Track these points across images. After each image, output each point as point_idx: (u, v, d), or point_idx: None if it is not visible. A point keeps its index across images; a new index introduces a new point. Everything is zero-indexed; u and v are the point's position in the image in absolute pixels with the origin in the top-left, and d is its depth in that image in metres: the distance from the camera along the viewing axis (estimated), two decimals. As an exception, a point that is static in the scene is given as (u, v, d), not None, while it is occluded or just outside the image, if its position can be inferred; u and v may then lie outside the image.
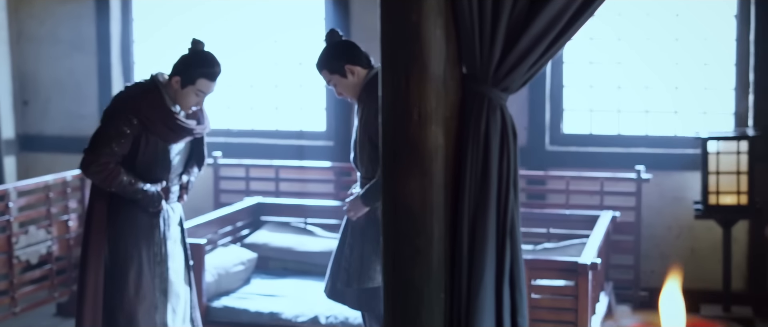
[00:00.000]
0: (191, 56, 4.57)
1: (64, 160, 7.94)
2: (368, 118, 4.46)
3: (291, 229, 6.78)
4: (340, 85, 4.63)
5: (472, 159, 1.74)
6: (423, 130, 1.73)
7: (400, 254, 1.76)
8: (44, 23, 8.04)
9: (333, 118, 7.60)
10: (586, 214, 6.49)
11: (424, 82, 1.72)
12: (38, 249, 6.72)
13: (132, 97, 4.56)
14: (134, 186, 4.48)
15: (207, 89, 4.50)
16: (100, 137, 4.49)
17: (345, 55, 4.62)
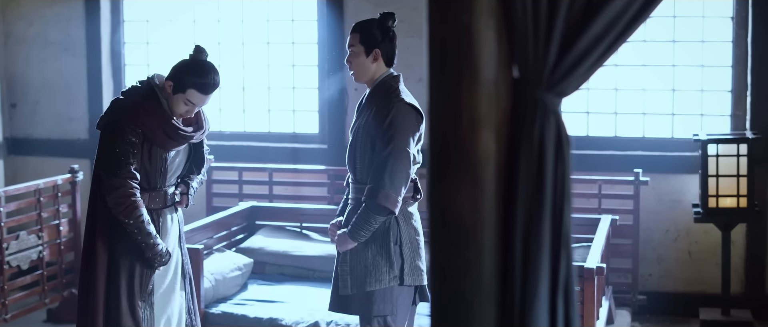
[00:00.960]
0: (188, 63, 4.43)
1: (52, 164, 7.84)
2: (373, 122, 4.33)
3: (286, 234, 6.70)
4: (357, 58, 4.43)
5: (526, 167, 1.66)
6: (474, 136, 1.66)
7: (450, 266, 1.69)
8: (33, 25, 7.92)
9: (326, 121, 7.52)
10: (586, 217, 6.43)
11: (475, 87, 1.65)
12: (29, 254, 6.61)
13: (132, 106, 4.42)
14: (149, 228, 4.33)
15: (197, 101, 4.35)
16: (115, 157, 4.32)
17: (384, 38, 4.43)
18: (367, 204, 4.27)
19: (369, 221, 4.27)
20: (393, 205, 4.23)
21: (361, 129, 4.41)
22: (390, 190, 4.21)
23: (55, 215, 6.85)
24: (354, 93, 7.41)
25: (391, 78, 4.45)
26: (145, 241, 4.35)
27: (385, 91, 4.38)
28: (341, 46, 7.36)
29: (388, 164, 4.21)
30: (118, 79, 7.90)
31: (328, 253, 6.32)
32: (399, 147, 4.23)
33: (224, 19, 7.71)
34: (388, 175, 4.21)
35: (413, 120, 4.31)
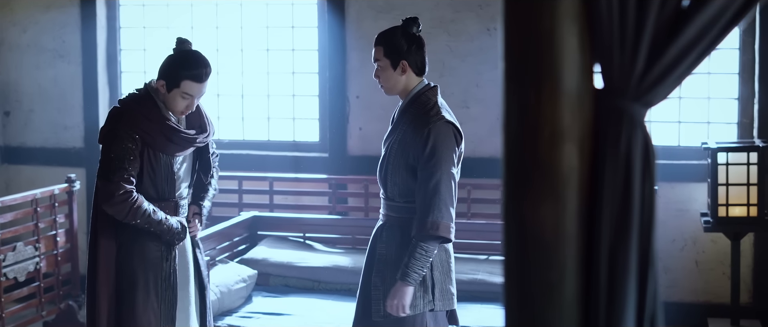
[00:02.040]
0: (175, 57, 4.29)
1: (47, 173, 7.70)
2: (410, 141, 4.10)
3: (290, 244, 6.57)
4: (384, 72, 4.20)
5: (611, 182, 1.56)
6: (556, 149, 1.55)
7: (528, 289, 1.57)
8: (27, 31, 7.78)
9: (327, 129, 7.40)
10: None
11: (556, 96, 1.54)
12: (26, 266, 6.46)
13: (127, 111, 4.30)
14: (157, 216, 4.22)
15: (193, 92, 4.19)
16: (110, 163, 4.22)
17: (410, 47, 4.18)
18: (417, 238, 4.02)
19: (425, 256, 4.07)
20: (447, 232, 4.05)
21: (395, 145, 4.21)
22: (440, 218, 4.02)
23: (52, 225, 6.71)
24: (356, 100, 7.30)
25: (428, 90, 4.24)
26: (159, 229, 4.26)
27: (422, 105, 4.17)
28: (342, 53, 7.26)
29: (437, 194, 4.01)
30: (115, 87, 7.76)
31: (334, 264, 6.21)
32: (445, 174, 4.04)
33: (223, 25, 7.59)
34: (437, 205, 4.01)
35: (453, 139, 4.13)
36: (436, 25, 7.11)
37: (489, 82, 7.03)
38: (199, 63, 4.23)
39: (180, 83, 4.18)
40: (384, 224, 4.27)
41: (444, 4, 7.11)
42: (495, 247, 6.43)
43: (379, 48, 4.21)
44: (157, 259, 4.30)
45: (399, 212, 4.21)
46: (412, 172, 4.13)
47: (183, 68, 4.20)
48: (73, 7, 7.66)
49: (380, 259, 4.24)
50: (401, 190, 4.18)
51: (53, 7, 7.69)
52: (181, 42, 4.33)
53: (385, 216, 4.29)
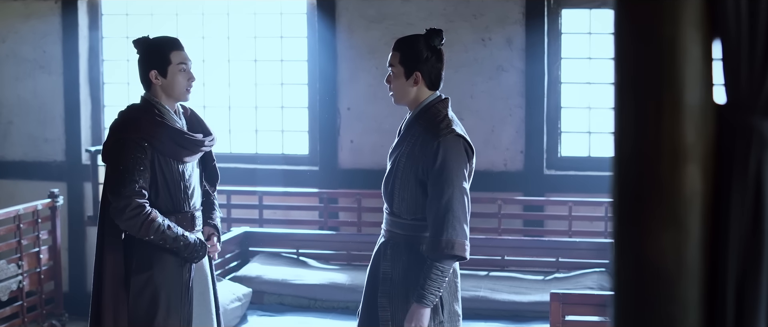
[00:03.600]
0: (147, 46, 4.22)
1: (26, 188, 7.47)
2: (419, 156, 3.91)
3: (283, 261, 6.38)
4: (396, 80, 4.02)
5: (739, 207, 1.40)
6: (677, 171, 1.39)
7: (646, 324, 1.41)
8: (5, 41, 7.54)
9: (318, 142, 7.22)
10: (594, 242, 6.20)
11: (678, 111, 1.39)
12: (9, 285, 6.23)
13: (132, 120, 4.15)
14: (174, 231, 4.03)
15: (185, 59, 4.18)
16: (119, 176, 4.02)
17: (428, 59, 3.99)
18: (432, 258, 3.84)
19: (441, 276, 3.89)
20: (462, 250, 3.88)
21: (402, 159, 3.99)
22: (455, 236, 3.85)
23: (35, 242, 6.48)
24: (347, 112, 7.13)
25: (439, 102, 4.06)
26: (175, 246, 4.07)
27: (432, 118, 3.99)
28: (333, 63, 7.09)
29: (450, 212, 3.84)
30: (97, 98, 7.54)
31: (330, 282, 6.03)
32: (457, 190, 3.87)
33: (209, 35, 7.40)
34: (451, 223, 3.83)
35: (464, 154, 3.95)
36: None
37: (483, 93, 6.89)
38: (168, 36, 4.28)
39: (170, 57, 4.13)
40: (388, 242, 4.08)
41: (437, 13, 6.96)
42: (495, 263, 6.28)
43: (396, 53, 4.02)
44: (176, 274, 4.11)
45: (406, 229, 4.02)
46: (422, 188, 3.96)
47: (161, 46, 4.18)
48: (54, 16, 7.43)
49: (385, 278, 4.05)
50: (409, 207, 3.99)
51: (33, 16, 7.46)
52: (139, 40, 4.27)
53: (388, 232, 4.09)
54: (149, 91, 4.22)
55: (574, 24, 6.95)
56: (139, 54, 4.23)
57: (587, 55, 6.96)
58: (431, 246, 3.87)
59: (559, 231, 6.66)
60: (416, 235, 4.00)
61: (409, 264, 3.99)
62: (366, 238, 6.51)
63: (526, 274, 6.15)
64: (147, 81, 4.20)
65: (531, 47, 6.88)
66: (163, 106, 4.19)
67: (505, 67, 6.92)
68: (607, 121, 6.94)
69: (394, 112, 7.04)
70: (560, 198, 6.72)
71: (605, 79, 6.95)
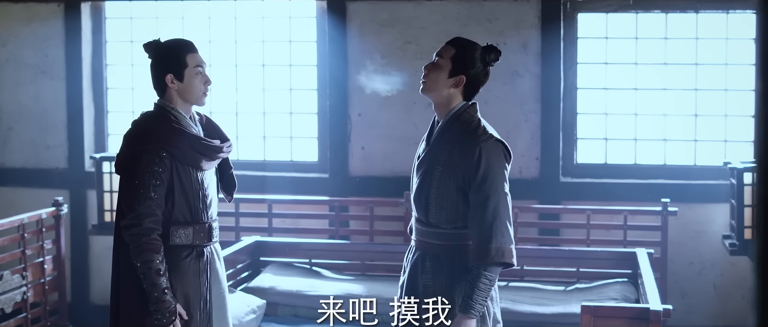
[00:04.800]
0: (161, 50, 3.98)
1: (28, 196, 7.31)
2: (456, 160, 3.74)
3: (296, 271, 6.21)
4: (438, 71, 3.80)
5: None
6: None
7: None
8: (6, 45, 7.35)
9: (327, 149, 7.06)
10: (614, 251, 6.05)
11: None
12: (13, 296, 6.04)
13: (149, 129, 3.94)
14: (160, 278, 3.82)
15: (201, 62, 3.98)
16: (133, 190, 3.82)
17: (478, 72, 3.82)
18: (478, 267, 3.70)
19: (489, 285, 3.75)
20: (511, 257, 3.74)
21: (437, 167, 3.82)
22: (504, 243, 3.71)
23: (39, 252, 6.30)
24: (358, 119, 6.97)
25: (469, 107, 3.91)
26: (149, 292, 3.83)
27: (466, 124, 3.83)
28: (344, 69, 6.94)
29: (497, 218, 3.70)
30: (100, 104, 7.36)
31: (346, 292, 5.86)
32: (502, 196, 3.74)
33: (216, 39, 7.23)
34: (499, 229, 3.70)
35: (504, 158, 3.82)
36: (443, 39, 6.62)
37: (497, 98, 6.74)
38: (181, 39, 4.07)
39: (186, 60, 3.93)
40: (425, 254, 3.91)
41: (451, 17, 6.81)
42: (514, 273, 6.11)
43: (449, 48, 3.84)
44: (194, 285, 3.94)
45: (445, 240, 3.85)
46: (463, 196, 3.80)
47: (176, 49, 3.97)
48: (56, 19, 7.25)
49: (427, 291, 3.87)
50: (450, 216, 3.83)
51: (35, 19, 7.28)
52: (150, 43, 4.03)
53: (423, 243, 3.92)
54: (164, 97, 4.02)
55: (591, 28, 6.81)
56: (151, 58, 4.02)
57: (604, 60, 6.82)
58: (479, 254, 3.72)
59: (576, 240, 6.52)
60: (457, 244, 3.84)
61: (451, 275, 3.83)
62: (380, 247, 6.36)
63: (547, 285, 5.99)
64: (162, 86, 4.00)
65: (546, 52, 6.74)
66: (178, 111, 4.00)
67: (520, 72, 6.77)
68: (624, 128, 6.81)
69: (407, 118, 6.91)
70: (578, 206, 6.58)
71: (622, 85, 6.82)
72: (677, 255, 6.63)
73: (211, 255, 4.06)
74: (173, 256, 3.94)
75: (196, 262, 3.99)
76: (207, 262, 4.02)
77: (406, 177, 6.99)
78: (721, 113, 6.72)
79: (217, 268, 4.10)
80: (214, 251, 4.09)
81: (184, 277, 3.96)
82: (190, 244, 3.95)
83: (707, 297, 6.69)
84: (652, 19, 6.75)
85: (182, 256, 3.96)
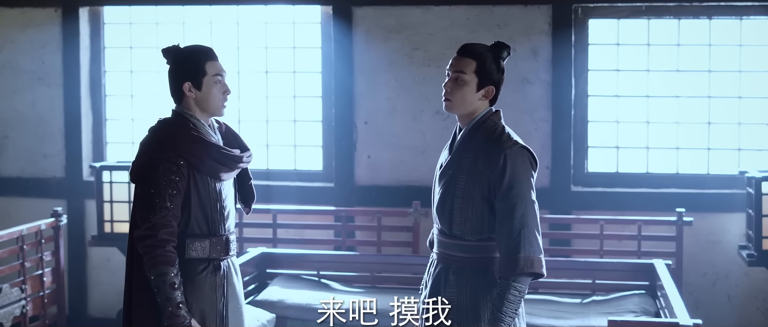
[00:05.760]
0: (181, 56, 3.82)
1: (22, 206, 7.16)
2: (481, 169, 3.63)
3: (304, 283, 6.03)
4: (462, 88, 3.68)
5: None
6: None
7: None
8: (1, 51, 7.17)
9: (332, 157, 6.90)
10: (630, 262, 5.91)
11: None
12: (12, 310, 5.85)
13: (166, 136, 3.79)
14: (174, 292, 3.67)
15: (220, 70, 3.82)
16: (149, 200, 3.67)
17: (500, 75, 3.72)
18: (506, 278, 3.57)
19: (519, 297, 3.60)
20: (540, 267, 3.60)
21: (461, 175, 3.68)
22: (533, 253, 3.57)
23: (39, 264, 6.11)
24: (364, 126, 6.82)
25: (493, 114, 3.78)
26: (163, 306, 3.68)
27: (490, 131, 3.70)
28: (349, 75, 6.81)
29: (525, 227, 3.56)
30: (99, 111, 7.19)
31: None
32: (528, 204, 3.60)
33: (218, 45, 6.91)
34: (527, 239, 3.56)
35: (530, 165, 3.68)
36: (451, 45, 6.57)
37: (507, 106, 6.44)
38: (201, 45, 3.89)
39: (205, 68, 3.78)
40: (448, 267, 3.77)
41: (460, 23, 6.68)
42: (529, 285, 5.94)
43: (469, 61, 3.69)
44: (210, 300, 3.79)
45: (470, 252, 3.72)
46: (489, 205, 3.66)
47: (196, 56, 3.81)
48: (53, 25, 7.07)
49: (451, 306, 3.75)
50: (474, 227, 3.69)
51: (31, 25, 7.09)
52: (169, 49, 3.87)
53: (447, 256, 3.78)
54: (181, 105, 3.86)
55: (602, 35, 6.69)
56: (170, 64, 3.86)
57: (615, 67, 6.69)
58: (507, 265, 3.58)
59: (589, 250, 6.38)
60: (483, 256, 3.71)
61: (477, 288, 3.71)
62: (389, 258, 6.20)
63: (563, 297, 5.84)
64: (179, 94, 3.84)
65: (557, 59, 6.61)
66: (197, 119, 3.85)
67: (531, 80, 6.64)
68: (637, 136, 6.69)
69: (414, 126, 6.76)
70: (590, 216, 6.44)
71: (634, 92, 6.69)
72: (691, 265, 6.50)
73: (228, 269, 3.91)
74: (189, 269, 3.79)
75: (212, 276, 3.84)
76: (224, 277, 3.87)
77: (413, 186, 6.89)
78: (735, 121, 6.61)
79: (235, 282, 3.95)
80: (232, 265, 3.94)
81: (199, 291, 3.81)
82: (207, 257, 3.81)
83: (722, 308, 6.56)
84: (664, 26, 6.63)
85: (198, 270, 3.81)
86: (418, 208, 6.47)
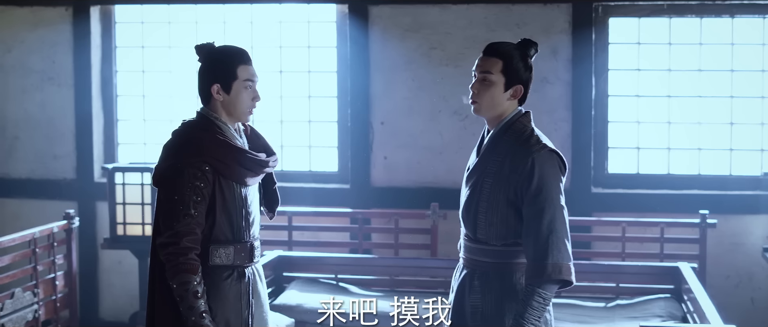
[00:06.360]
0: (214, 56, 3.69)
1: (32, 208, 7.05)
2: (507, 173, 3.53)
3: (322, 287, 5.93)
4: (490, 89, 3.58)
5: None
6: None
7: None
8: (12, 51, 7.05)
9: (348, 158, 6.79)
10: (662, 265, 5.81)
11: None
12: (24, 314, 5.74)
13: (191, 140, 3.66)
14: (198, 302, 3.55)
15: (252, 75, 3.69)
16: (173, 207, 3.55)
17: (529, 74, 3.64)
18: (534, 284, 3.48)
19: (543, 304, 3.50)
20: (569, 274, 3.50)
21: (487, 179, 3.59)
22: (561, 260, 3.47)
23: (51, 268, 6.00)
24: (380, 127, 6.71)
25: (522, 116, 3.67)
26: (186, 315, 3.56)
27: (518, 133, 3.59)
28: (365, 75, 6.69)
29: (553, 233, 3.46)
30: (110, 112, 7.08)
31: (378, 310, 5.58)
32: (557, 209, 3.49)
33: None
34: (555, 245, 3.46)
35: (558, 169, 3.57)
36: (470, 44, 6.56)
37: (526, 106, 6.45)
38: (236, 47, 3.76)
39: (237, 72, 3.65)
40: (473, 272, 3.68)
41: (478, 22, 6.57)
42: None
43: (495, 61, 3.58)
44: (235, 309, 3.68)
45: (495, 257, 3.63)
46: (514, 210, 3.56)
47: (228, 58, 3.68)
48: (64, 24, 6.96)
49: (475, 312, 3.67)
50: (499, 232, 3.60)
51: (42, 24, 6.98)
52: (203, 47, 3.74)
53: (472, 261, 3.69)
54: (208, 106, 3.74)
55: (623, 34, 6.58)
56: (201, 63, 3.74)
57: (636, 67, 6.59)
58: (535, 272, 3.49)
59: (609, 253, 6.28)
60: (508, 262, 3.62)
61: (501, 294, 3.62)
62: (408, 261, 6.10)
63: (586, 301, 5.73)
64: (207, 95, 3.72)
65: (577, 58, 6.50)
66: (223, 122, 3.73)
67: (550, 79, 6.53)
68: (658, 137, 6.59)
69: (432, 126, 6.66)
70: (611, 218, 6.33)
71: (655, 92, 6.58)
72: (713, 268, 6.39)
73: (253, 276, 3.80)
74: (213, 277, 3.67)
75: (237, 283, 3.73)
76: (248, 284, 3.76)
77: (431, 188, 6.78)
78: (758, 121, 6.50)
79: (260, 290, 3.85)
80: (256, 272, 3.83)
81: (224, 299, 3.69)
82: (231, 264, 3.69)
83: (745, 311, 6.46)
84: (685, 24, 6.53)
85: (222, 277, 3.69)
86: (436, 210, 6.36)
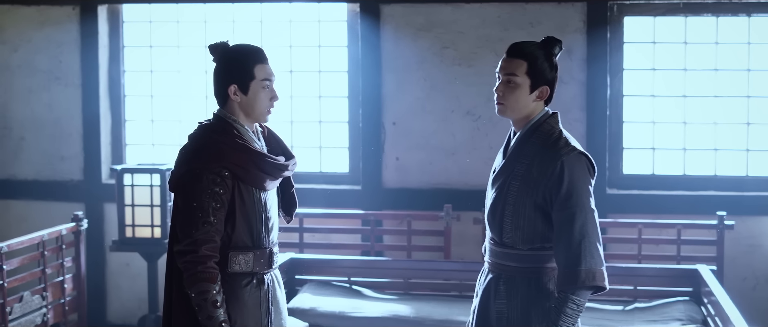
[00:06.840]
0: (229, 56, 3.61)
1: (38, 209, 6.97)
2: (535, 175, 3.46)
3: (336, 290, 5.84)
4: (516, 91, 3.50)
5: None
6: None
7: None
8: (18, 50, 6.96)
9: (359, 159, 6.71)
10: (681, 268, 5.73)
11: None
12: (33, 318, 5.66)
13: (209, 145, 3.56)
14: (217, 310, 3.46)
15: (269, 75, 3.62)
16: (191, 213, 3.46)
17: (554, 73, 3.56)
18: (567, 291, 3.40)
19: (577, 311, 3.42)
20: (602, 280, 3.42)
21: (514, 182, 3.51)
22: (595, 265, 3.39)
23: (59, 271, 5.92)
24: (392, 127, 6.62)
25: (550, 117, 3.59)
26: (205, 325, 3.47)
27: (546, 135, 3.51)
28: (377, 75, 6.61)
29: (585, 238, 3.38)
30: (118, 112, 6.98)
31: (393, 314, 5.52)
32: (588, 213, 3.41)
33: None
34: (588, 250, 3.38)
35: (588, 172, 3.49)
36: (483, 44, 6.48)
37: (540, 106, 6.39)
38: (252, 45, 3.70)
39: (254, 72, 3.57)
40: (498, 277, 3.60)
41: (491, 21, 6.48)
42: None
43: (520, 62, 3.50)
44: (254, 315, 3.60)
45: (521, 261, 3.56)
46: (542, 214, 3.49)
47: (244, 57, 3.61)
48: (71, 24, 6.87)
49: (501, 317, 3.60)
50: (526, 236, 3.52)
51: (48, 23, 6.89)
52: (216, 46, 3.65)
53: (498, 266, 3.61)
54: (225, 108, 3.65)
55: (638, 33, 6.50)
56: (216, 63, 3.65)
57: (651, 66, 6.50)
58: (567, 278, 3.40)
59: (625, 255, 6.19)
60: (535, 266, 3.55)
61: (528, 300, 3.55)
62: (422, 264, 6.01)
63: (603, 304, 5.64)
64: (224, 96, 3.63)
65: (592, 57, 6.42)
66: (241, 125, 3.63)
67: (565, 79, 6.43)
68: (673, 137, 6.50)
69: (444, 127, 6.57)
70: (627, 219, 6.25)
71: (671, 92, 6.50)
72: (730, 270, 6.30)
73: (272, 283, 3.71)
74: (232, 284, 3.58)
75: (256, 290, 3.64)
76: (268, 291, 3.68)
77: (443, 189, 6.69)
78: (774, 121, 6.43)
79: (279, 296, 3.77)
80: (275, 278, 3.74)
81: (243, 307, 3.60)
82: (250, 270, 3.61)
83: (763, 314, 6.38)
84: (702, 23, 6.44)
85: (242, 285, 3.60)
86: (449, 212, 6.28)
